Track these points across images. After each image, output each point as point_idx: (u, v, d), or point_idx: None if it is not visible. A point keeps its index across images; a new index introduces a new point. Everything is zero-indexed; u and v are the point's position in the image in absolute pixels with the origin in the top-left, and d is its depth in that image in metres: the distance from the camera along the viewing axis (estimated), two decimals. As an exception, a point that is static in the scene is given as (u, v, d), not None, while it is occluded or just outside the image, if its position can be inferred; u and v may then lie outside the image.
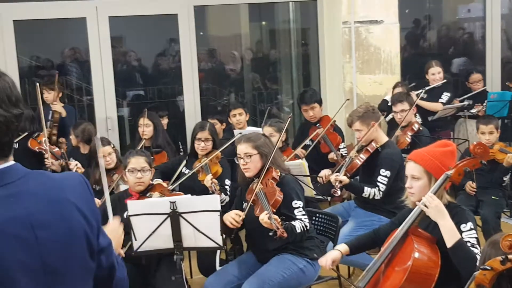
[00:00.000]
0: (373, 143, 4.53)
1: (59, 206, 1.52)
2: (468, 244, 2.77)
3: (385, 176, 4.34)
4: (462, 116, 6.62)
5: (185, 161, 4.93)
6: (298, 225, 3.53)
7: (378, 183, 4.34)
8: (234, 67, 8.01)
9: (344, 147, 5.59)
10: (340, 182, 4.35)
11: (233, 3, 7.49)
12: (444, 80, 6.31)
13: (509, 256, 2.00)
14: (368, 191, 4.35)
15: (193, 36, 6.72)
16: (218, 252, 4.26)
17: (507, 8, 8.10)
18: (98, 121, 6.61)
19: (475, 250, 2.76)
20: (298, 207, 3.65)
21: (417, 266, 2.78)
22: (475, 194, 5.04)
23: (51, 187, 1.54)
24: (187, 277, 4.14)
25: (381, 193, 4.33)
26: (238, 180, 4.05)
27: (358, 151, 4.63)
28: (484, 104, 6.48)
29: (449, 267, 2.76)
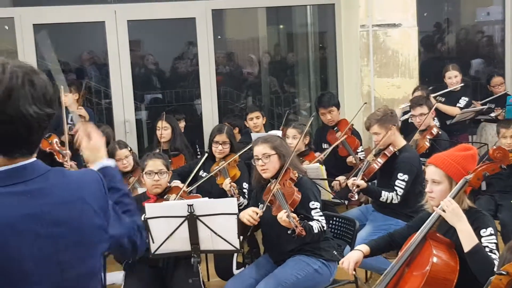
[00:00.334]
0: (390, 147, 4.51)
1: (73, 205, 1.55)
2: (487, 249, 2.74)
3: (403, 180, 4.32)
4: (482, 120, 6.56)
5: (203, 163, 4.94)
6: (315, 226, 3.54)
7: (396, 187, 4.32)
8: (251, 71, 8.01)
9: (362, 151, 5.57)
10: (358, 186, 4.34)
11: (250, 7, 7.50)
12: (462, 84, 6.27)
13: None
14: (385, 195, 4.32)
15: (211, 40, 6.74)
16: (235, 255, 4.26)
17: (527, 11, 8.00)
18: (116, 124, 6.65)
19: (493, 255, 2.72)
20: (315, 208, 3.66)
21: (435, 271, 2.76)
22: (494, 198, 5.00)
23: (68, 185, 1.57)
24: (204, 280, 4.14)
25: (398, 197, 4.31)
26: (253, 182, 4.05)
27: (376, 155, 4.62)
28: (504, 108, 6.42)
29: (468, 272, 2.74)
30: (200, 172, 4.88)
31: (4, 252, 1.40)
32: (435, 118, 5.74)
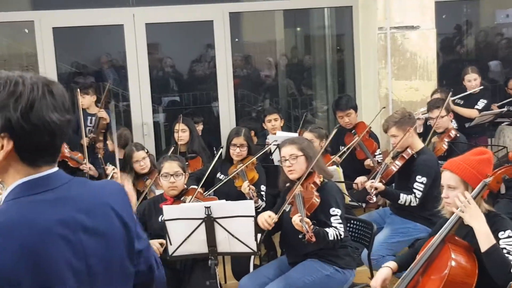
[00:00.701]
0: (408, 150, 4.49)
1: (99, 212, 1.59)
2: (504, 251, 2.71)
3: (421, 182, 4.29)
4: (500, 123, 6.49)
5: (219, 165, 4.96)
6: (331, 232, 3.50)
7: (414, 190, 4.30)
8: (269, 73, 8.03)
9: (380, 154, 5.54)
10: (376, 189, 4.32)
11: (268, 10, 7.51)
12: (481, 87, 6.22)
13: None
14: (404, 197, 4.30)
15: (228, 43, 6.76)
16: (252, 257, 4.26)
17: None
18: (134, 127, 6.69)
19: (510, 257, 2.70)
20: (335, 215, 3.62)
21: (454, 275, 2.74)
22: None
23: (92, 193, 1.62)
24: (221, 282, 4.15)
25: (417, 199, 4.28)
26: (280, 183, 4.04)
27: (394, 158, 4.59)
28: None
29: (487, 276, 2.71)
30: (218, 175, 4.90)
31: (44, 256, 1.44)
32: (453, 121, 5.70)
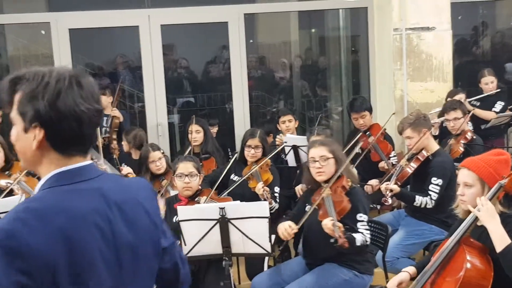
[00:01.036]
0: (423, 152, 4.46)
1: (129, 206, 1.66)
2: None
3: (437, 184, 4.27)
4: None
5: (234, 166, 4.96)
6: (359, 238, 3.46)
7: (430, 192, 4.28)
8: (283, 75, 8.02)
9: (394, 156, 5.51)
10: (391, 190, 4.30)
11: (283, 11, 7.51)
12: (498, 90, 6.17)
13: None
14: (419, 199, 4.28)
15: (243, 44, 6.76)
16: (266, 258, 4.26)
17: None
18: (149, 128, 6.71)
19: None
20: (362, 221, 3.59)
21: (469, 277, 2.72)
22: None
23: (122, 188, 1.69)
24: (235, 283, 4.15)
25: (433, 201, 4.26)
26: (303, 183, 4.02)
27: (409, 160, 4.57)
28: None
29: (502, 277, 2.69)
30: (232, 176, 4.90)
31: (78, 242, 1.50)
32: (469, 123, 5.66)
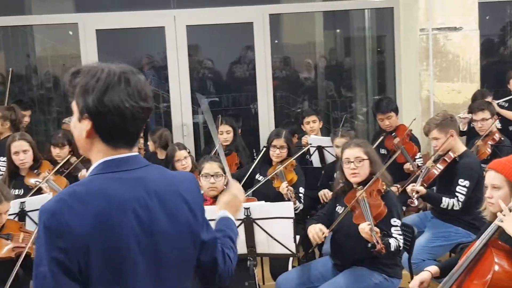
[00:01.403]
0: (450, 153, 4.42)
1: (170, 196, 1.73)
2: None
3: (464, 186, 4.22)
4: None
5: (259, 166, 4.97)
6: (393, 243, 3.42)
7: (457, 193, 4.23)
8: (308, 75, 8.00)
9: (420, 157, 5.45)
10: (417, 192, 4.26)
11: (308, 11, 7.49)
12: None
13: None
14: (446, 201, 4.24)
15: (268, 44, 6.77)
16: (291, 259, 4.26)
17: None
18: (174, 128, 6.75)
19: None
20: (396, 225, 3.54)
21: (497, 280, 2.68)
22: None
23: (166, 179, 1.77)
24: (259, 283, 4.16)
25: (460, 203, 4.21)
26: (335, 184, 3.99)
27: (435, 161, 4.53)
28: None
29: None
30: (257, 176, 4.91)
31: (115, 226, 1.60)
32: (498, 123, 5.59)
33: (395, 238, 3.48)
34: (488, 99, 5.80)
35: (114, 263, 1.59)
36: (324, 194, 4.92)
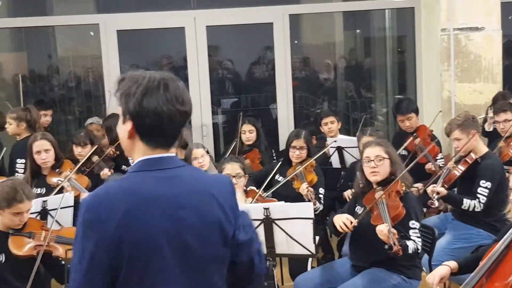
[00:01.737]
0: (472, 154, 4.37)
1: (201, 196, 1.82)
2: None
3: (486, 187, 4.18)
4: None
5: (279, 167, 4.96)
6: (411, 246, 3.39)
7: (479, 195, 4.18)
8: (327, 76, 7.98)
9: (441, 158, 5.41)
10: (438, 193, 4.22)
11: (328, 11, 7.48)
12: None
13: None
14: (467, 203, 4.19)
15: (288, 45, 6.76)
16: (310, 259, 4.25)
17: None
18: (194, 128, 6.75)
19: None
20: (414, 228, 3.51)
21: (519, 282, 2.66)
22: None
23: (200, 181, 1.87)
24: (278, 283, 4.15)
25: (481, 205, 4.17)
26: (354, 185, 3.98)
27: (456, 162, 4.49)
28: None
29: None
30: (276, 176, 4.90)
31: (143, 222, 1.69)
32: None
33: (413, 240, 3.45)
34: (510, 100, 5.74)
35: (142, 259, 1.68)
36: (350, 195, 4.91)
